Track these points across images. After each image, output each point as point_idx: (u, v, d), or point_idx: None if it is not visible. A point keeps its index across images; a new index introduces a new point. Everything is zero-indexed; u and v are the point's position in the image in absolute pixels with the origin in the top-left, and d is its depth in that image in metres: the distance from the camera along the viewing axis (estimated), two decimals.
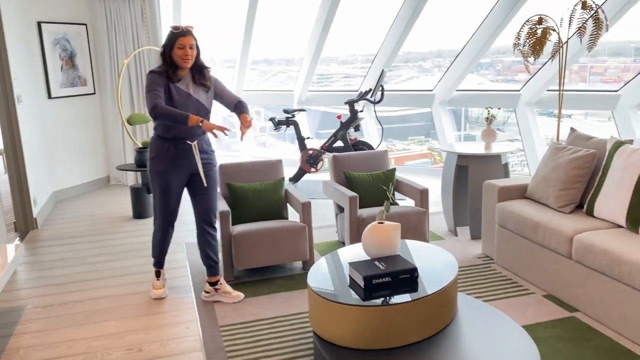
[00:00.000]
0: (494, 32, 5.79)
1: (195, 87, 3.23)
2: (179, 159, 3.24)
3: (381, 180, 4.35)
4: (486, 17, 5.88)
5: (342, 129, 6.22)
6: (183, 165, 3.27)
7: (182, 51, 3.10)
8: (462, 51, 6.27)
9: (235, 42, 7.47)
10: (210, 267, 3.48)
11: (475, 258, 4.09)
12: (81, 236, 4.92)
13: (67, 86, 6.20)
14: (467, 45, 6.20)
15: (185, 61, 3.12)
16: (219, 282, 3.49)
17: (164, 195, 3.29)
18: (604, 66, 6.86)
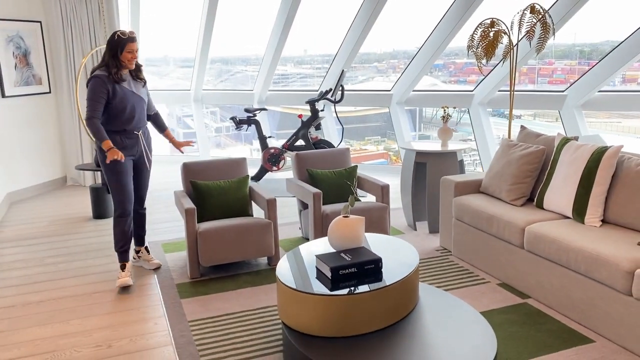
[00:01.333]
0: (448, 34, 6.01)
1: (135, 83, 3.71)
2: (129, 146, 3.70)
3: (343, 177, 4.47)
4: (441, 20, 6.10)
5: (303, 128, 6.32)
6: (132, 152, 3.73)
7: (130, 55, 3.57)
8: (419, 52, 6.47)
9: (192, 41, 7.45)
10: (141, 238, 4.07)
11: (434, 251, 4.27)
12: (39, 237, 4.83)
13: (22, 85, 6.05)
14: (423, 47, 6.41)
15: (131, 63, 3.60)
16: (141, 251, 4.09)
17: (121, 179, 3.66)
18: (551, 68, 7.23)
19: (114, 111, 3.58)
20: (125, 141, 3.67)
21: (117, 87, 3.56)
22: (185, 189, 4.23)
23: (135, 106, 3.66)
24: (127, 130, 3.67)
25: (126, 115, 3.62)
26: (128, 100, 3.61)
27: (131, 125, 3.67)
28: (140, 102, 3.71)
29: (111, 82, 3.54)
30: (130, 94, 3.63)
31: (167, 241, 4.64)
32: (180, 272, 3.93)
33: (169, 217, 5.39)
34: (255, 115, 6.41)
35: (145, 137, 3.81)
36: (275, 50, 6.98)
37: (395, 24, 7.20)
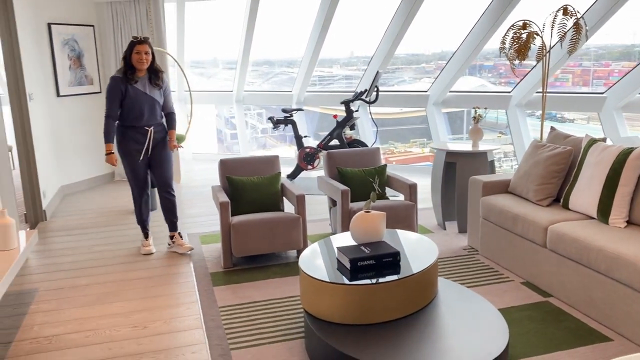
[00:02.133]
0: (484, 35, 6.03)
1: (150, 86, 4.09)
2: (140, 140, 4.14)
3: (372, 175, 4.59)
4: (478, 21, 6.12)
5: (338, 128, 6.46)
6: (142, 144, 4.14)
7: (138, 56, 3.94)
8: (455, 53, 6.51)
9: (237, 44, 7.72)
10: (172, 224, 4.42)
11: (461, 250, 4.33)
12: (88, 227, 5.17)
13: (75, 85, 6.46)
14: (459, 48, 6.44)
15: (140, 64, 3.96)
16: (174, 236, 4.41)
17: (132, 168, 4.16)
18: (607, 70, 6.99)
19: (125, 109, 4.03)
20: (136, 135, 4.11)
21: (129, 88, 3.97)
22: (221, 184, 4.45)
23: (146, 106, 4.05)
24: (137, 127, 4.09)
25: (136, 113, 4.04)
26: (138, 100, 4.01)
27: (141, 122, 4.08)
28: (152, 102, 4.08)
29: (124, 83, 3.96)
30: (142, 94, 4.02)
31: (204, 233, 4.88)
32: (214, 262, 4.15)
33: (208, 211, 5.64)
34: (292, 116, 6.61)
35: (156, 132, 4.17)
36: (313, 52, 7.15)
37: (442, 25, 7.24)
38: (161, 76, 4.13)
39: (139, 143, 4.13)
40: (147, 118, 4.10)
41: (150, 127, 4.14)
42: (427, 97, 7.07)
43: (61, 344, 2.99)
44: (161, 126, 4.24)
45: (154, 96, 4.09)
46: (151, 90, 4.08)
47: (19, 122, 5.18)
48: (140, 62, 3.96)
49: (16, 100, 5.12)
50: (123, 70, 3.99)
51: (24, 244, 3.38)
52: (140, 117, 4.07)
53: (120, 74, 4.01)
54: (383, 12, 7.00)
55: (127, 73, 3.96)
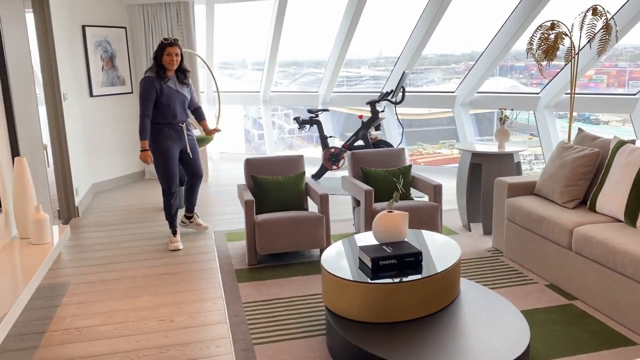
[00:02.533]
0: (513, 35, 5.97)
1: (180, 84, 4.37)
2: (175, 137, 4.39)
3: (396, 176, 4.61)
4: (506, 21, 6.07)
5: (363, 128, 6.48)
6: (177, 142, 4.41)
7: (169, 57, 4.20)
8: (483, 54, 6.46)
9: (265, 45, 7.81)
10: (192, 206, 4.83)
11: (486, 251, 4.31)
12: (118, 224, 5.32)
13: (107, 85, 6.64)
14: (487, 49, 6.40)
15: (170, 64, 4.23)
16: (193, 217, 4.89)
17: (166, 164, 4.36)
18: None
19: (161, 107, 4.25)
20: (172, 132, 4.36)
21: (163, 86, 4.22)
22: (246, 183, 4.53)
23: (178, 103, 4.32)
24: (172, 123, 4.35)
25: (171, 111, 4.29)
26: (172, 98, 4.27)
27: (176, 119, 4.35)
28: (183, 99, 4.38)
29: (158, 82, 4.20)
30: (175, 92, 4.30)
31: (230, 231, 4.97)
32: (239, 259, 4.23)
33: (234, 209, 5.73)
34: (317, 116, 6.66)
35: (187, 130, 4.47)
36: (340, 52, 7.19)
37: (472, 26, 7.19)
38: (188, 75, 4.43)
39: (174, 140, 4.37)
40: (180, 115, 4.36)
41: (183, 124, 4.41)
42: (455, 97, 7.03)
43: (91, 335, 3.10)
44: (189, 126, 4.55)
45: (184, 93, 4.37)
46: (181, 88, 4.36)
47: (54, 121, 5.36)
48: (170, 63, 4.21)
49: (51, 100, 5.31)
50: (155, 69, 4.22)
51: (57, 238, 3.51)
52: (175, 114, 4.32)
53: (152, 73, 4.23)
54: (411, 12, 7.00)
55: (160, 72, 4.20)
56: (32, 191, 3.38)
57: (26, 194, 3.35)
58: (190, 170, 4.61)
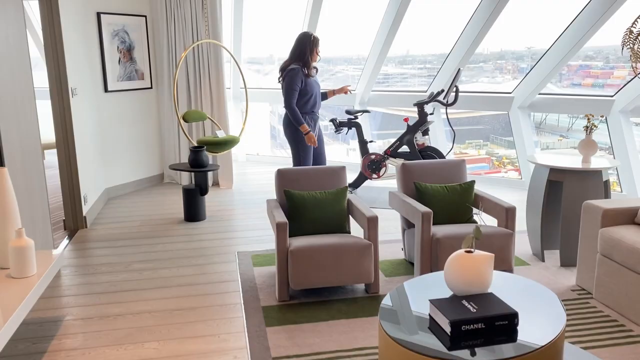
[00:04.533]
0: (587, 31, 5.12)
1: (314, 75, 4.71)
2: (312, 126, 4.72)
3: (457, 194, 3.83)
4: (577, 16, 5.22)
5: (409, 132, 5.71)
6: (313, 130, 4.74)
7: (317, 54, 4.63)
8: (548, 52, 5.62)
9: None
10: None
11: (569, 291, 3.51)
12: (129, 239, 4.66)
13: (124, 80, 6.01)
14: (553, 46, 5.55)
15: (315, 60, 4.64)
16: None
17: (306, 153, 4.69)
18: None
19: (305, 98, 4.57)
20: (311, 122, 4.68)
21: (306, 78, 4.55)
22: (278, 198, 3.81)
23: (317, 93, 4.68)
24: (313, 112, 4.69)
25: (312, 100, 4.63)
26: (313, 88, 4.60)
27: (315, 108, 4.70)
28: (319, 88, 4.73)
29: (303, 74, 4.54)
30: (314, 82, 4.64)
31: (257, 252, 4.27)
32: (268, 292, 3.51)
33: (261, 224, 5.03)
34: (357, 118, 5.90)
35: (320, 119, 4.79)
36: (381, 50, 6.43)
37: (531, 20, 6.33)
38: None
39: (312, 128, 4.70)
40: (318, 104, 4.71)
41: (318, 112, 4.76)
42: (512, 99, 6.20)
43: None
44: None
45: (319, 82, 4.73)
46: (317, 78, 4.72)
47: (60, 119, 4.72)
48: (316, 58, 4.62)
49: (57, 95, 4.67)
50: (302, 64, 4.55)
51: (47, 267, 2.84)
52: (315, 103, 4.67)
53: (297, 64, 4.54)
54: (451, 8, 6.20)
55: (305, 67, 4.54)
56: (13, 211, 2.71)
57: (5, 214, 2.68)
58: (318, 156, 4.87)
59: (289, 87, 4.46)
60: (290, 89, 4.47)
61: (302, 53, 4.54)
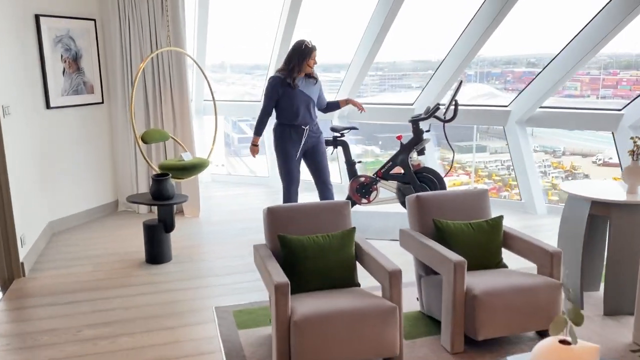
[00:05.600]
0: (604, 37, 4.62)
1: (306, 82, 4.36)
2: (295, 139, 4.40)
3: (485, 232, 3.19)
4: (591, 20, 4.72)
5: (403, 152, 5.07)
6: (299, 144, 4.41)
7: (312, 61, 4.30)
8: (554, 60, 5.11)
9: (273, 46, 6.37)
10: None
11: (624, 348, 2.91)
12: (80, 290, 3.80)
13: (70, 94, 5.11)
14: (561, 54, 5.05)
15: (309, 68, 4.33)
16: None
17: (287, 165, 4.43)
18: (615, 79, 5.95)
19: (284, 108, 4.32)
20: (292, 134, 4.38)
21: (287, 88, 4.26)
22: (269, 244, 3.06)
23: (301, 105, 4.32)
24: (294, 125, 4.36)
25: (294, 112, 4.31)
26: (295, 100, 4.29)
27: (298, 120, 4.36)
28: (308, 101, 4.36)
29: (284, 84, 4.26)
30: (300, 93, 4.31)
31: (239, 306, 3.49)
32: None
33: (239, 265, 4.25)
34: (343, 136, 5.21)
35: (311, 131, 4.42)
36: (367, 56, 5.80)
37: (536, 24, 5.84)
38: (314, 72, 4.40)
39: (295, 141, 4.39)
40: (302, 117, 4.35)
41: (306, 126, 4.38)
42: (508, 113, 5.66)
43: None
44: (316, 126, 4.48)
45: (310, 94, 4.36)
46: (307, 86, 4.34)
47: None
48: (310, 67, 4.30)
49: None
50: (287, 72, 4.25)
51: None
52: (296, 116, 4.33)
53: (281, 74, 4.28)
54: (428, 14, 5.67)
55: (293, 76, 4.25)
56: None
57: None
58: (314, 175, 4.58)
59: (264, 95, 4.38)
60: (264, 97, 4.37)
61: (288, 61, 4.30)
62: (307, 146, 4.47)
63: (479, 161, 6.67)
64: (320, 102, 4.56)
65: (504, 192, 6.89)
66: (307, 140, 4.43)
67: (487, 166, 6.70)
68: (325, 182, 4.60)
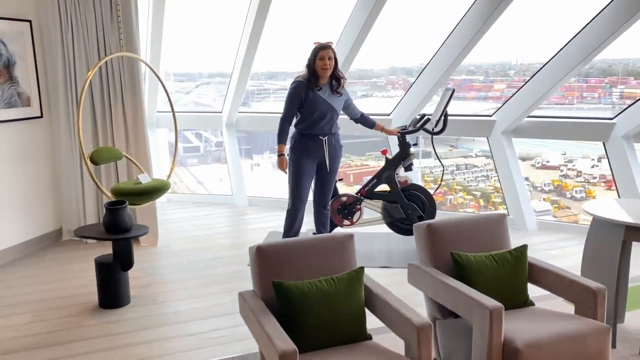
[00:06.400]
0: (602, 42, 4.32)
1: (330, 93, 4.01)
2: (312, 149, 4.04)
3: (510, 266, 2.74)
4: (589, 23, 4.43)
5: (389, 168, 4.60)
6: (314, 155, 4.06)
7: (322, 62, 3.89)
8: (547, 66, 4.80)
9: (232, 55, 5.79)
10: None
11: None
12: (14, 351, 3.08)
13: (2, 107, 4.36)
14: (554, 58, 4.74)
15: (324, 70, 3.91)
16: None
17: (299, 178, 4.05)
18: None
19: (303, 115, 3.99)
20: (309, 143, 4.03)
21: (310, 93, 3.94)
22: (260, 292, 2.49)
23: (324, 114, 3.98)
24: (312, 134, 4.02)
25: (314, 121, 3.98)
26: (318, 108, 3.95)
27: (315, 129, 4.01)
28: (330, 111, 4.01)
29: (307, 88, 3.93)
30: (322, 101, 3.96)
31: None
32: None
33: (211, 307, 3.63)
34: None
35: (330, 145, 4.07)
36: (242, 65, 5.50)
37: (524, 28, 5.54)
38: (343, 82, 4.07)
39: (311, 151, 4.06)
40: (321, 126, 4.03)
41: (324, 137, 4.05)
42: (492, 123, 5.32)
43: None
44: (337, 137, 4.15)
45: (333, 104, 4.02)
46: (331, 97, 4.01)
47: None
48: (324, 68, 3.91)
49: None
50: (307, 76, 3.95)
51: None
52: (315, 124, 4.01)
53: (303, 78, 3.98)
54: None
55: (311, 80, 3.94)
56: None
57: None
58: (321, 189, 4.23)
59: (286, 100, 4.04)
60: (285, 102, 4.04)
61: (308, 64, 3.96)
62: (325, 159, 4.09)
63: (425, 166, 6.75)
64: (351, 111, 4.25)
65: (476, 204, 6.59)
66: (327, 152, 4.07)
67: (432, 171, 6.76)
68: (325, 204, 4.28)
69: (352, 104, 4.25)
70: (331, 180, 4.23)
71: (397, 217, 4.62)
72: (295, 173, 4.06)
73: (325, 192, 4.23)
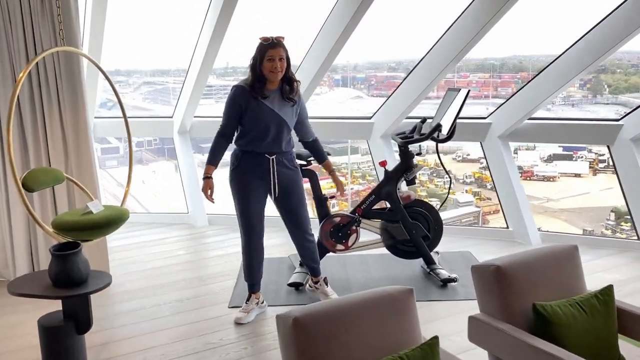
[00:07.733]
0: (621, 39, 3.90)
1: (281, 102, 3.22)
2: (256, 170, 3.28)
3: (600, 315, 2.18)
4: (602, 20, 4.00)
5: (389, 183, 3.97)
6: (259, 177, 3.29)
7: (271, 64, 3.10)
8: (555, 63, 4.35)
9: (190, 51, 4.97)
10: (313, 270, 3.62)
11: None
12: None
13: None
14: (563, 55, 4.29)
15: (274, 74, 3.12)
16: (319, 282, 3.62)
17: (243, 205, 3.30)
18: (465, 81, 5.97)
19: (244, 129, 3.24)
20: (254, 165, 3.27)
21: (253, 103, 3.17)
22: None
23: (270, 127, 3.19)
24: (255, 152, 3.25)
25: (255, 134, 3.21)
26: (262, 119, 3.18)
27: (260, 146, 3.23)
28: (279, 125, 3.21)
29: (249, 96, 3.16)
30: (269, 112, 3.18)
31: None
32: None
33: None
34: (310, 164, 3.97)
35: (279, 164, 3.29)
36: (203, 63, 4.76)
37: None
38: (296, 86, 3.25)
39: (257, 173, 3.28)
40: (268, 143, 3.23)
41: (272, 156, 3.25)
42: (488, 126, 4.83)
43: None
44: (289, 156, 3.34)
45: (284, 116, 3.21)
46: (281, 108, 3.20)
47: None
48: (273, 72, 3.09)
49: None
50: (251, 81, 3.14)
51: None
52: (260, 140, 3.22)
53: (245, 82, 3.17)
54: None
55: (256, 86, 3.13)
56: None
57: None
58: (288, 219, 3.44)
59: (224, 110, 3.25)
60: (223, 113, 3.26)
61: (252, 65, 3.17)
62: (277, 184, 3.31)
63: (353, 162, 6.74)
64: (304, 132, 3.43)
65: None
66: (275, 176, 3.29)
67: (360, 167, 6.76)
68: (305, 230, 3.48)
69: (306, 121, 3.42)
70: (299, 207, 3.42)
71: (400, 239, 4.01)
72: (238, 197, 3.29)
73: (294, 218, 3.43)
